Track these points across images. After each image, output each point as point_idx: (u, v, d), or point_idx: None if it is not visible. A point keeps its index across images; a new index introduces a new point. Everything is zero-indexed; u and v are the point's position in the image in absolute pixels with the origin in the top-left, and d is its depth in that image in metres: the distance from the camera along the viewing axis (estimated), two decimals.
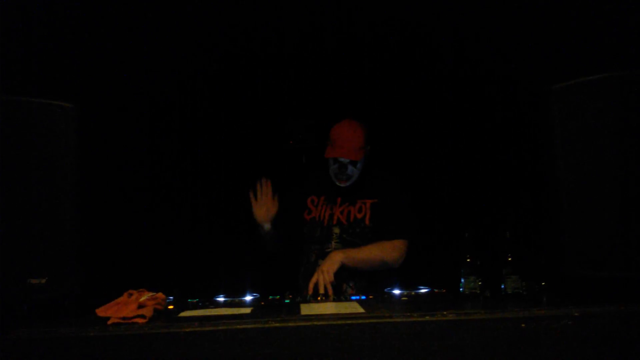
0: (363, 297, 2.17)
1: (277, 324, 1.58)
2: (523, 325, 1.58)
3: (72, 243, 1.82)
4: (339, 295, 2.30)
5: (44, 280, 1.78)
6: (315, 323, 1.58)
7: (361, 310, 1.77)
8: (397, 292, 2.17)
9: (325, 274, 2.29)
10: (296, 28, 3.03)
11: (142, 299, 1.82)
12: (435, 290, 2.19)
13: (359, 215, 2.56)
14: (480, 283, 2.05)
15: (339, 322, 1.58)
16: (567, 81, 1.86)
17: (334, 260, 2.36)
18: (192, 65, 2.98)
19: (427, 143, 3.12)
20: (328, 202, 2.62)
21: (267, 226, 2.53)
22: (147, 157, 2.95)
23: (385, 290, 2.22)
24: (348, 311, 1.76)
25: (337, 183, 2.57)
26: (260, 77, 3.15)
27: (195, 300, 2.14)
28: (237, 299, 2.14)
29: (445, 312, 1.64)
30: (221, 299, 2.15)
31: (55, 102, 1.83)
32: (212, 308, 1.98)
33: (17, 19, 2.44)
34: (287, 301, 2.16)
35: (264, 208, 2.51)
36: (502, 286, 2.04)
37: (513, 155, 2.90)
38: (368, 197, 2.58)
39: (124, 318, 1.70)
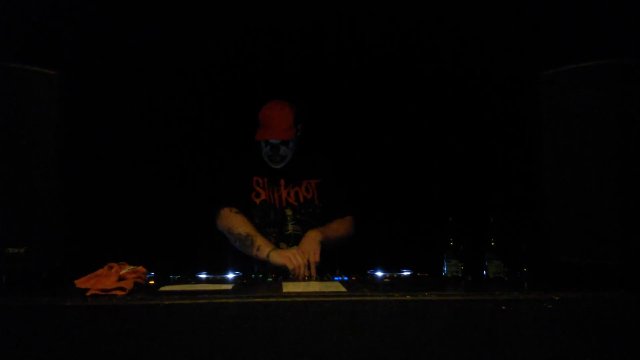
0: (345, 278, 2.18)
1: (259, 299, 1.58)
2: (503, 307, 1.59)
3: (53, 213, 1.79)
4: (322, 275, 2.29)
5: (23, 250, 1.75)
6: (296, 299, 1.58)
7: (343, 289, 1.77)
8: (379, 274, 2.17)
9: (312, 255, 2.29)
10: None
11: (123, 271, 1.80)
12: (418, 274, 2.20)
13: (308, 196, 2.61)
14: (462, 267, 2.06)
15: (320, 299, 1.58)
16: (556, 67, 1.86)
17: (316, 240, 2.35)
18: (176, 40, 2.93)
19: (414, 127, 3.10)
20: (272, 183, 2.61)
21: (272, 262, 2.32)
22: (132, 130, 2.89)
23: (368, 272, 2.22)
24: (330, 290, 1.77)
25: (272, 165, 2.56)
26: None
27: (176, 276, 2.13)
28: (219, 276, 2.13)
29: (426, 293, 1.64)
30: (203, 275, 2.14)
31: (38, 69, 1.79)
32: (193, 284, 1.98)
33: None
34: (269, 280, 2.16)
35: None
36: (484, 271, 2.05)
37: (499, 140, 2.89)
38: (311, 178, 2.63)
39: (103, 290, 1.68)
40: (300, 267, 2.24)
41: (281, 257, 2.28)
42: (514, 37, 2.71)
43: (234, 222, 2.47)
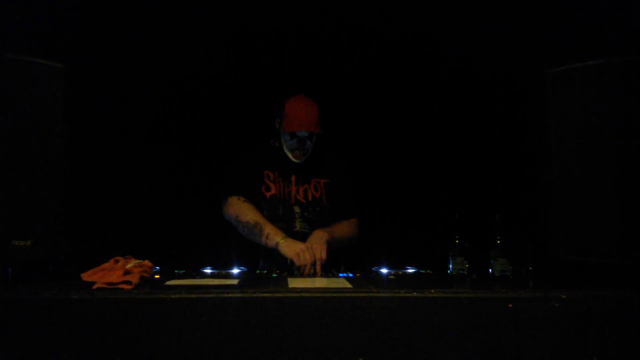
0: (350, 275, 2.18)
1: (264, 294, 1.57)
2: (510, 305, 1.59)
3: (58, 206, 1.80)
4: (327, 272, 2.30)
5: (29, 243, 1.75)
6: (302, 295, 1.58)
7: (349, 285, 1.77)
8: (384, 271, 2.17)
9: (320, 253, 2.27)
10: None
11: (129, 265, 1.80)
12: (423, 271, 2.20)
13: (317, 195, 2.60)
14: (467, 265, 2.06)
15: (326, 294, 1.58)
16: (563, 65, 1.86)
17: (323, 240, 2.34)
18: (180, 33, 2.92)
19: (420, 126, 3.10)
20: (283, 179, 2.59)
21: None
22: (138, 123, 2.89)
23: (373, 269, 2.22)
24: (335, 286, 1.76)
25: (294, 159, 2.55)
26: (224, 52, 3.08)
27: (182, 271, 2.14)
28: (224, 272, 2.13)
29: (432, 290, 1.64)
30: (208, 270, 2.14)
31: (44, 62, 1.79)
32: (199, 278, 1.98)
33: None
34: (274, 275, 2.16)
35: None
36: (490, 269, 2.05)
37: (504, 139, 2.89)
38: (321, 177, 2.63)
39: (109, 283, 1.68)
40: (307, 265, 2.24)
41: (290, 251, 2.27)
42: (519, 35, 2.70)
43: (242, 210, 2.45)
